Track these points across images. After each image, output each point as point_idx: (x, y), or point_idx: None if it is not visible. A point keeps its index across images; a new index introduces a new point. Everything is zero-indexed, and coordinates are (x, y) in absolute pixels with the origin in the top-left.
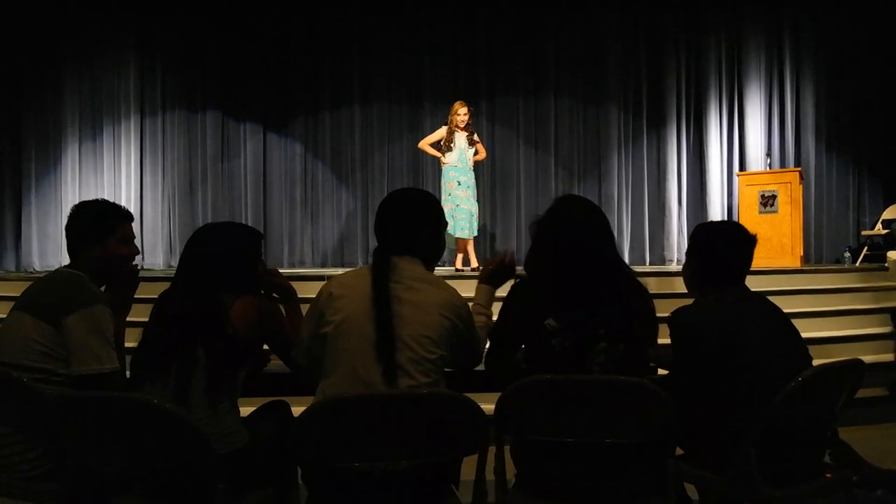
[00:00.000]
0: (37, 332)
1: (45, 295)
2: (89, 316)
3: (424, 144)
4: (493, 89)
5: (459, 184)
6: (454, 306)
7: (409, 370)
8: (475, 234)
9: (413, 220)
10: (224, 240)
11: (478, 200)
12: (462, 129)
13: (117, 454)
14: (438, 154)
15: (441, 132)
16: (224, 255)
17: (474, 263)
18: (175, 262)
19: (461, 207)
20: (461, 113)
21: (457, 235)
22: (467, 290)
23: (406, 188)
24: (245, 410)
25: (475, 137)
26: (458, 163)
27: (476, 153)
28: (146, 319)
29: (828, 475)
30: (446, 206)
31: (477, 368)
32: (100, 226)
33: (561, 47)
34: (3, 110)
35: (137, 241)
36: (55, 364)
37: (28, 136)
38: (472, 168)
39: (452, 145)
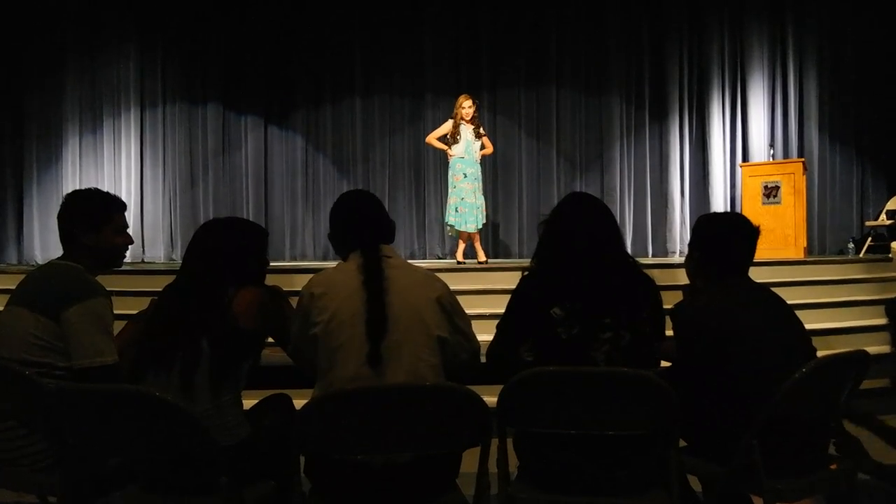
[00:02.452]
0: (36, 327)
1: (43, 288)
2: (89, 308)
3: (431, 139)
4: (494, 81)
5: (465, 176)
6: (435, 284)
7: (404, 356)
8: (480, 227)
9: (384, 213)
10: (230, 236)
11: (483, 193)
12: (468, 122)
13: (119, 447)
14: (445, 147)
15: (447, 126)
16: (230, 252)
17: (482, 257)
18: (176, 256)
19: (466, 201)
20: (465, 106)
21: (462, 229)
22: (469, 282)
23: (351, 190)
24: (248, 403)
25: (481, 131)
26: (464, 154)
27: (483, 147)
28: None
29: (833, 467)
30: (451, 200)
31: (478, 360)
32: (97, 215)
33: (563, 38)
34: (4, 103)
35: (138, 235)
36: (55, 357)
37: (29, 129)
38: (478, 161)
39: (458, 137)
